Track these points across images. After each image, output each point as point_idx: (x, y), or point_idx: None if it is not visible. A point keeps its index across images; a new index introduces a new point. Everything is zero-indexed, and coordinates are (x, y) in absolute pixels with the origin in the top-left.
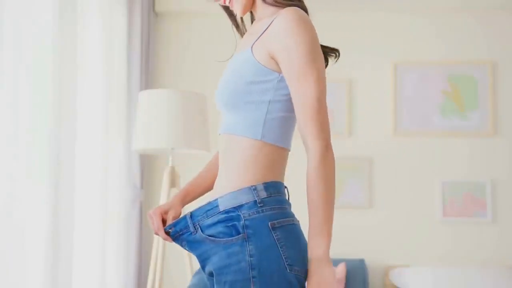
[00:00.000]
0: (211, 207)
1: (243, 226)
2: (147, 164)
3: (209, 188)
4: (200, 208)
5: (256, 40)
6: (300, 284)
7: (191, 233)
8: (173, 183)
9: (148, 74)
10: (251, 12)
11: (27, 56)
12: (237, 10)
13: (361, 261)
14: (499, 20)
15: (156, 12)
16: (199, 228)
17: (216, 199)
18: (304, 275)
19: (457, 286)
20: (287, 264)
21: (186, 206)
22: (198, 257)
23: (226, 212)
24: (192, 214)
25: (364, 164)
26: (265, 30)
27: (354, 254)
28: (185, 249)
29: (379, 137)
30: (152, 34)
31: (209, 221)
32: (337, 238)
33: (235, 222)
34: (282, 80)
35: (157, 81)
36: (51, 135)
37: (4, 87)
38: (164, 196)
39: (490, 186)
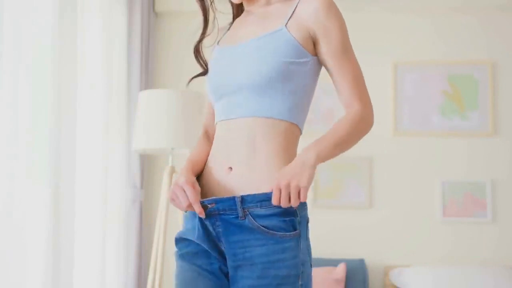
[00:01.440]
0: (267, 198)
1: (298, 222)
2: (147, 164)
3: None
4: (253, 195)
5: (288, 20)
6: None
7: (237, 216)
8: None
9: (148, 74)
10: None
11: (27, 56)
12: None
13: (361, 261)
14: (499, 20)
15: (156, 12)
16: (250, 216)
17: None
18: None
19: (457, 286)
20: (311, 261)
21: None
22: (234, 243)
23: (281, 206)
24: (243, 199)
25: (364, 164)
26: (294, 12)
27: (354, 254)
28: (215, 229)
29: (379, 137)
30: (152, 34)
31: (263, 211)
32: (337, 238)
33: (292, 218)
34: (315, 63)
35: (157, 81)
36: (51, 135)
37: (4, 87)
38: (164, 196)
39: (490, 186)
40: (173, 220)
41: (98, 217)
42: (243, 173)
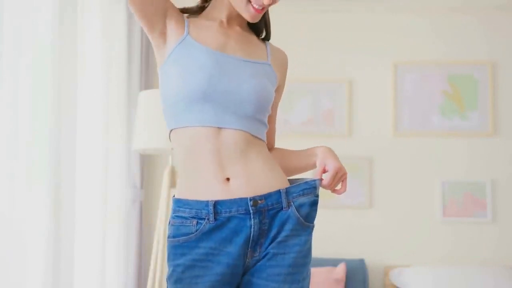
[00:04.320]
0: (309, 186)
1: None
2: (147, 164)
3: None
4: (296, 185)
5: (269, 59)
6: None
7: (281, 208)
8: (173, 183)
9: (148, 74)
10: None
11: (27, 56)
12: (259, 17)
13: (361, 261)
14: (499, 20)
15: None
16: (293, 206)
17: (315, 180)
18: None
19: (457, 286)
20: None
21: None
22: (273, 236)
23: (317, 196)
24: (287, 191)
25: (364, 164)
26: (268, 52)
27: (354, 254)
28: (260, 227)
29: (379, 137)
30: None
31: (305, 199)
32: (337, 238)
33: (317, 207)
34: None
35: (157, 81)
36: (51, 135)
37: (4, 87)
38: (164, 196)
39: (490, 186)
40: None
41: (98, 217)
42: (242, 182)
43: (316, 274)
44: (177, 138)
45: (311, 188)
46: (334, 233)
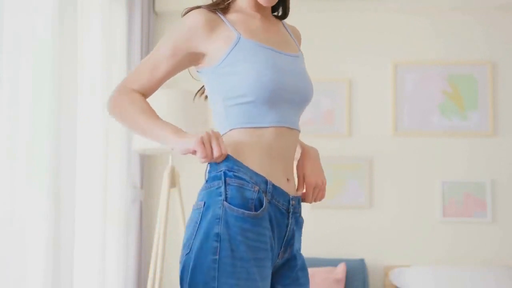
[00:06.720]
0: (299, 198)
1: None
2: (147, 164)
3: None
4: (298, 196)
5: (299, 46)
6: None
7: (299, 215)
8: (173, 183)
9: None
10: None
11: (27, 56)
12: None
13: (361, 261)
14: (499, 20)
15: (156, 12)
16: (300, 213)
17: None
18: None
19: (457, 286)
20: None
21: None
22: (297, 237)
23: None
24: (298, 199)
25: (364, 164)
26: (291, 35)
27: (354, 254)
28: (292, 227)
29: (379, 137)
30: (152, 34)
31: (301, 209)
32: (337, 238)
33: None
34: None
35: None
36: (51, 136)
37: (4, 87)
38: (164, 196)
39: (490, 186)
40: (173, 220)
41: (98, 217)
42: (293, 183)
43: (316, 274)
44: (245, 136)
45: (300, 200)
46: (334, 233)
